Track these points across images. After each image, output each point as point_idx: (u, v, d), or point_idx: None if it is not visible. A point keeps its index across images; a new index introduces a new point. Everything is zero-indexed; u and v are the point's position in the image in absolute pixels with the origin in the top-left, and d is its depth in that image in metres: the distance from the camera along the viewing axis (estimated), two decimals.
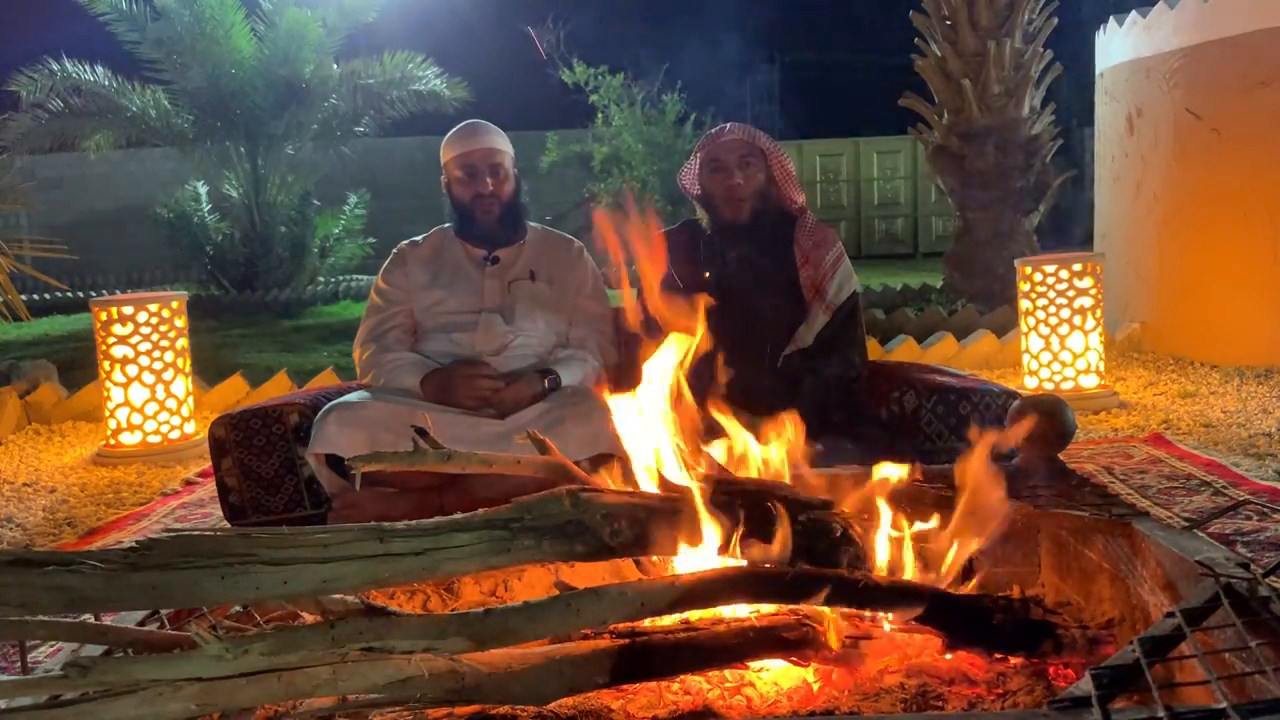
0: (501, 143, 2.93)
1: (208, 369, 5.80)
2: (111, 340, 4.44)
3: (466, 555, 1.40)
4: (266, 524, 2.66)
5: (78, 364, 6.18)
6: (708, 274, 2.83)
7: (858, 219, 15.66)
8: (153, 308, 4.48)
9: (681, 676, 1.57)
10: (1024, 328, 4.86)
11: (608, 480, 1.72)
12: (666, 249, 2.98)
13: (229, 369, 5.92)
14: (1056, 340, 4.74)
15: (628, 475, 1.78)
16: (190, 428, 4.63)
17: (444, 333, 2.85)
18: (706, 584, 1.56)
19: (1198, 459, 3.56)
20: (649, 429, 1.82)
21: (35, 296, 10.92)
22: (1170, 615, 1.33)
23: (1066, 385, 4.69)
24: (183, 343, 4.58)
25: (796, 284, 2.87)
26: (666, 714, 1.51)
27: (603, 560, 1.63)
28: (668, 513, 1.59)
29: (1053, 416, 2.04)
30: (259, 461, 2.73)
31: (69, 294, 10.11)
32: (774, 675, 1.59)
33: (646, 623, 1.57)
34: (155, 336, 4.47)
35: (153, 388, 4.48)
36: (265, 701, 1.30)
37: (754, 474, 1.82)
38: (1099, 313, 4.77)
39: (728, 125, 2.89)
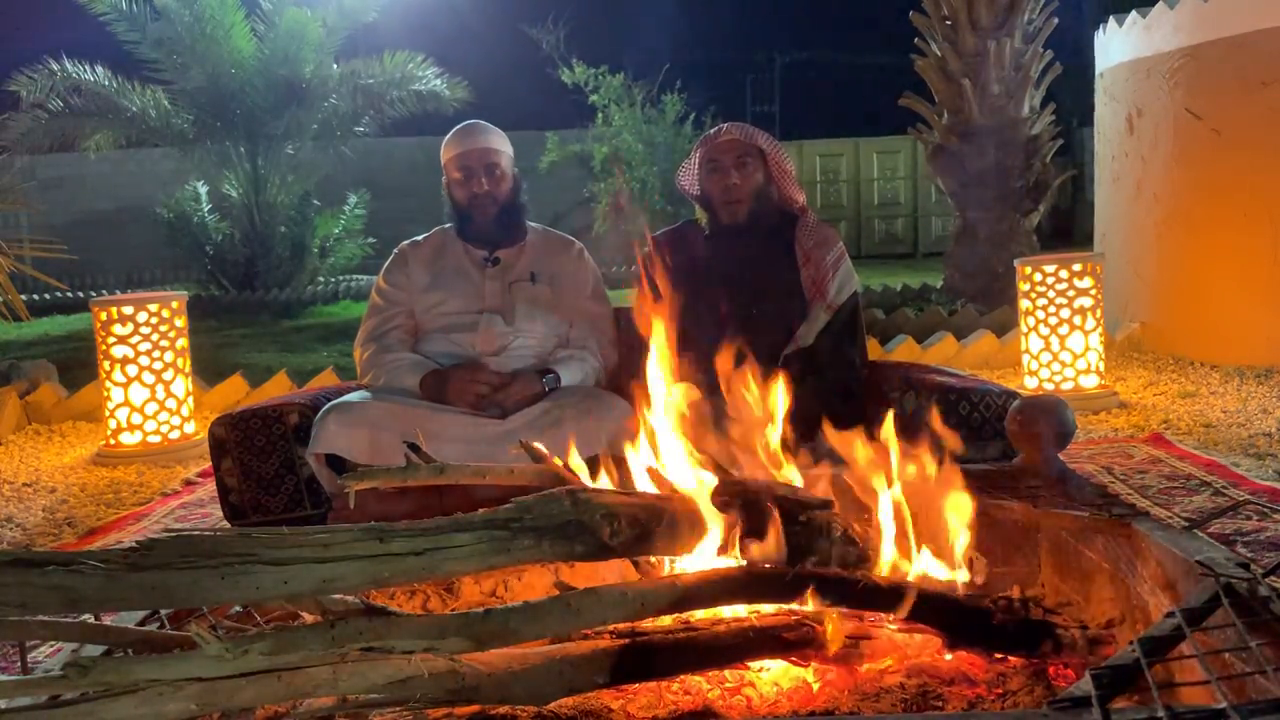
0: (499, 142, 2.93)
1: (208, 369, 5.80)
2: (111, 340, 4.44)
3: (466, 555, 1.39)
4: (266, 524, 2.66)
5: (78, 364, 6.18)
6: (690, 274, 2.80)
7: (858, 219, 15.66)
8: (153, 308, 4.48)
9: (681, 676, 1.57)
10: (1024, 328, 4.86)
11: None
12: (663, 250, 2.98)
13: (229, 369, 5.92)
14: (1056, 340, 4.74)
15: (627, 474, 1.78)
16: (190, 428, 4.63)
17: (444, 333, 2.85)
18: (706, 584, 1.56)
19: (1198, 459, 3.56)
20: (651, 427, 1.82)
21: (35, 296, 10.92)
22: (1170, 615, 1.33)
23: (1066, 385, 4.69)
24: (183, 343, 4.58)
25: (797, 283, 2.87)
26: (666, 714, 1.51)
27: (603, 560, 1.63)
28: (668, 513, 1.59)
29: (1053, 416, 2.04)
30: (259, 461, 2.73)
31: (69, 294, 10.11)
32: (774, 675, 1.59)
33: (647, 623, 1.57)
34: (155, 336, 4.47)
35: (153, 388, 4.48)
36: (265, 701, 1.30)
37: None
38: (1099, 313, 4.77)
39: (726, 125, 2.89)
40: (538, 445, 1.88)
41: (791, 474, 1.80)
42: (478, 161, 2.88)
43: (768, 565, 1.61)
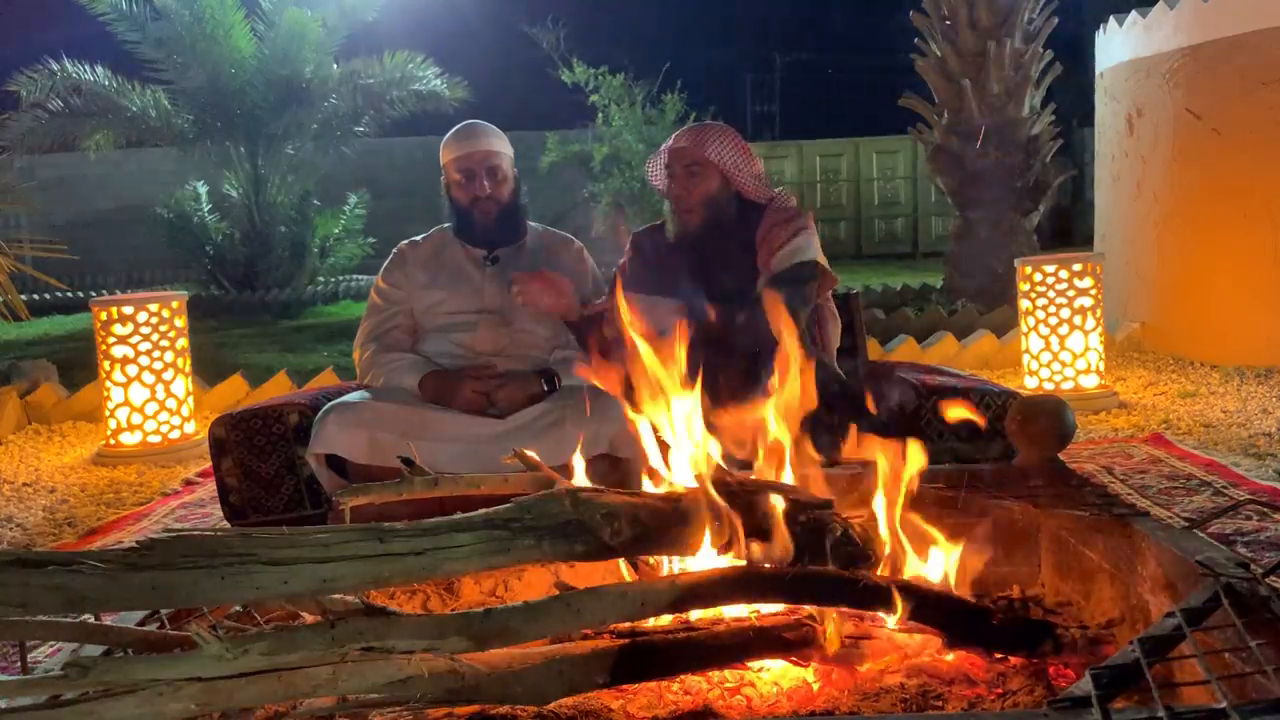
0: (499, 144, 2.92)
1: (208, 369, 5.80)
2: (111, 340, 4.44)
3: (466, 555, 1.39)
4: (266, 524, 2.66)
5: (78, 364, 6.18)
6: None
7: (858, 219, 15.66)
8: (153, 308, 4.48)
9: (681, 676, 1.57)
10: (1024, 328, 4.86)
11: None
12: (635, 251, 2.94)
13: (229, 369, 5.92)
14: (1056, 340, 4.74)
15: (630, 474, 1.78)
16: (190, 428, 4.63)
17: (444, 333, 2.84)
18: (706, 584, 1.56)
19: (1198, 459, 3.56)
20: (651, 427, 1.82)
21: (35, 296, 10.91)
22: (1170, 615, 1.33)
23: (1066, 385, 4.69)
24: (183, 343, 4.58)
25: (755, 277, 2.72)
26: (666, 714, 1.51)
27: (603, 560, 1.63)
28: (668, 513, 1.59)
29: (1053, 417, 2.04)
30: (259, 461, 2.73)
31: (69, 294, 10.11)
32: (774, 675, 1.59)
33: (647, 623, 1.57)
34: (155, 336, 4.47)
35: (153, 388, 4.48)
36: (265, 701, 1.30)
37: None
38: (1099, 313, 4.77)
39: (684, 130, 2.80)
40: (530, 454, 1.87)
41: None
42: (480, 164, 2.86)
43: (767, 565, 1.61)
